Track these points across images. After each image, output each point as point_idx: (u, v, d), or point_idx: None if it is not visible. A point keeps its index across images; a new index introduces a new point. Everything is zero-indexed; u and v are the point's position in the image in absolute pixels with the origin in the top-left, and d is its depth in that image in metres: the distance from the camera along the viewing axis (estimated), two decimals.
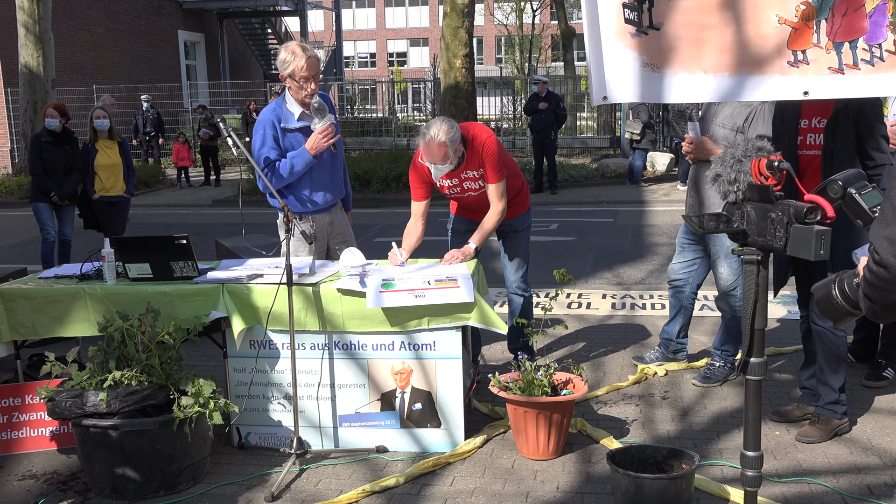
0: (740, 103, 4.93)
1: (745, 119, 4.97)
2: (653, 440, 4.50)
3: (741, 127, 4.97)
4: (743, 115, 4.98)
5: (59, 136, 8.46)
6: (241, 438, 4.55)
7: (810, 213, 2.66)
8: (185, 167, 19.42)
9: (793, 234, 2.70)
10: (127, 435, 3.90)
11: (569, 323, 6.19)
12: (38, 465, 4.46)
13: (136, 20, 26.61)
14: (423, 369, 4.40)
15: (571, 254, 10.26)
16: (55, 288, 4.53)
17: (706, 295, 7.25)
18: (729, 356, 5.38)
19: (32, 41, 16.72)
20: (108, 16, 25.44)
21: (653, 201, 15.00)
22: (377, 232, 12.18)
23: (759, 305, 2.93)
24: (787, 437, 4.51)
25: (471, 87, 18.00)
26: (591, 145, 23.33)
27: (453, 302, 4.28)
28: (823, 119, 4.29)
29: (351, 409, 4.47)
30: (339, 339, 4.42)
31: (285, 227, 4.20)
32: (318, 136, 4.87)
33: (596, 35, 3.93)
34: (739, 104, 4.96)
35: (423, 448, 4.45)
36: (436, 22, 62.50)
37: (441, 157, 4.75)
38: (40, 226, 8.57)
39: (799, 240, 2.68)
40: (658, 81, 3.87)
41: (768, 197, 2.82)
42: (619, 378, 5.50)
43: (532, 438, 4.26)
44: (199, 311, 4.34)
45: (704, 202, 5.13)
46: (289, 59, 4.82)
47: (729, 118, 5.04)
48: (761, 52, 3.83)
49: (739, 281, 5.20)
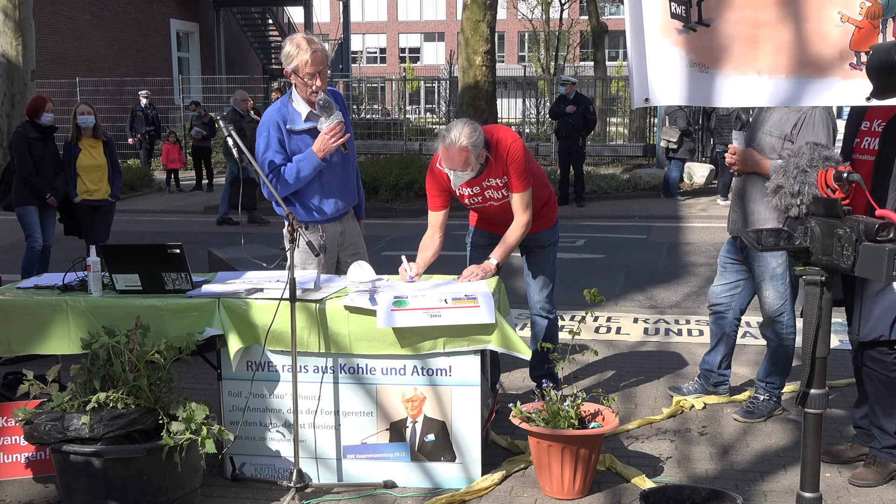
0: (789, 109, 4.94)
1: (793, 126, 4.97)
2: (690, 480, 4.50)
3: (789, 134, 4.97)
4: (791, 122, 4.99)
5: (45, 132, 8.51)
6: (235, 469, 4.57)
7: (883, 230, 2.64)
8: (175, 170, 19.50)
9: (862, 252, 2.68)
10: (111, 463, 3.92)
11: (597, 349, 6.18)
12: (13, 494, 4.49)
13: (125, 7, 26.83)
14: (438, 397, 4.41)
15: (600, 273, 10.26)
16: (34, 300, 4.56)
17: (749, 321, 7.24)
18: (774, 389, 5.37)
19: (11, 28, 16.83)
20: (94, 2, 25.67)
21: (690, 217, 14.98)
22: (385, 245, 12.22)
23: (822, 331, 2.92)
24: (840, 480, 4.49)
25: (491, 87, 18.06)
26: (622, 154, 23.35)
27: (472, 323, 4.30)
28: (884, 122, 4.30)
29: (356, 439, 4.49)
30: (344, 362, 4.44)
31: (289, 237, 4.22)
32: (325, 136, 4.88)
33: (639, 30, 3.93)
34: (788, 110, 4.97)
35: (435, 484, 4.46)
36: (453, 15, 62.73)
37: (462, 164, 4.76)
38: (27, 232, 8.57)
39: (869, 259, 2.65)
40: (706, 83, 3.87)
41: (835, 211, 2.80)
42: (653, 411, 5.50)
43: (556, 475, 4.27)
44: (192, 328, 4.36)
45: (750, 218, 5.14)
46: (293, 53, 4.82)
47: (777, 125, 5.05)
48: (821, 52, 3.83)
49: (787, 306, 5.20)
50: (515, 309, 7.53)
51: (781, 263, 5.14)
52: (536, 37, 44.81)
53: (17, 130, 8.68)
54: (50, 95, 9.04)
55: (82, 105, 8.80)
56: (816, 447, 3.08)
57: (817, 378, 2.99)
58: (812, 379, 3.00)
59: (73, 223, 8.84)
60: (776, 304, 5.21)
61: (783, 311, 5.20)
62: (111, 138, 9.00)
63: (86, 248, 8.23)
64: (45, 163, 8.43)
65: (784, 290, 5.18)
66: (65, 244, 9.90)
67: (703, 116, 19.71)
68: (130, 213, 16.11)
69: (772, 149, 5.00)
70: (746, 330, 7.19)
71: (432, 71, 55.66)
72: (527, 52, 56.66)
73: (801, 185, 2.95)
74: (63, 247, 9.85)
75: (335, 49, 32.63)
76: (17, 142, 8.46)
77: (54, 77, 22.65)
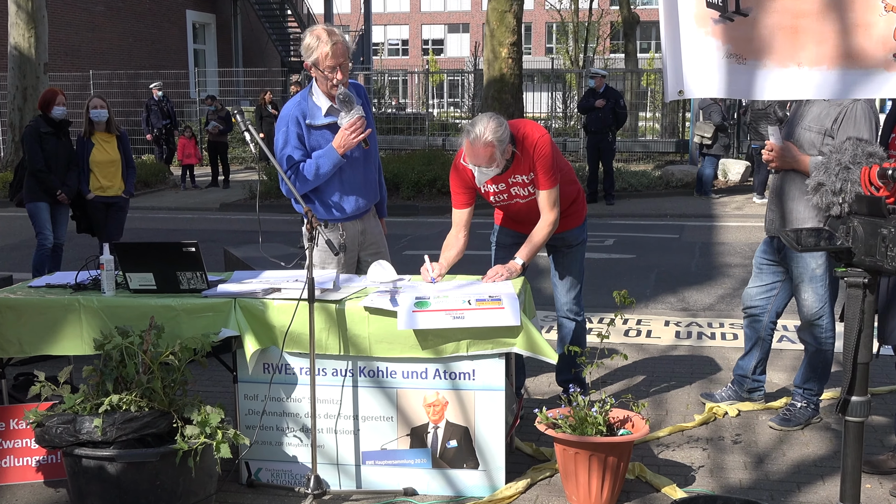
0: (829, 103, 4.91)
1: (833, 120, 4.93)
2: (723, 490, 4.48)
3: (829, 129, 4.93)
4: (832, 117, 4.95)
5: (58, 127, 8.58)
6: (250, 475, 4.59)
7: None
8: (190, 165, 19.59)
9: None
10: (124, 467, 3.94)
11: (626, 352, 6.17)
12: (23, 498, 4.53)
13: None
14: (460, 402, 4.41)
15: (629, 274, 10.24)
16: (46, 299, 4.60)
17: (786, 325, 7.20)
18: (812, 396, 5.33)
19: (24, 19, 16.96)
20: None
21: (724, 215, 14.92)
22: (407, 244, 12.24)
23: (864, 336, 2.90)
24: (881, 491, 4.46)
25: (518, 81, 18.05)
26: (653, 150, 23.30)
27: (496, 325, 4.29)
28: None
29: (376, 444, 4.49)
30: (364, 365, 4.45)
31: (308, 235, 4.23)
32: (345, 131, 4.87)
33: (673, 20, 3.92)
34: (829, 104, 4.93)
35: (457, 492, 4.46)
36: (478, 5, 62.76)
37: (487, 159, 4.76)
38: (37, 229, 8.64)
39: None
40: (744, 75, 3.85)
41: (879, 210, 2.77)
42: (684, 418, 5.48)
43: (583, 484, 4.26)
44: (207, 329, 4.38)
45: (789, 217, 5.11)
46: (313, 45, 4.82)
47: (816, 120, 5.01)
48: (864, 43, 3.80)
49: (826, 309, 5.16)
50: (542, 311, 7.53)
51: (821, 264, 5.10)
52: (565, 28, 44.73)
53: (29, 125, 8.75)
54: (62, 89, 9.10)
55: (95, 98, 8.85)
56: (857, 457, 3.06)
57: (859, 385, 2.97)
58: (853, 385, 2.98)
59: (85, 220, 8.89)
60: (815, 306, 5.18)
61: (822, 314, 5.17)
62: (125, 133, 9.06)
63: (99, 246, 8.29)
64: (58, 158, 8.48)
65: (823, 293, 5.15)
66: (77, 242, 9.97)
67: (738, 111, 19.62)
68: (144, 210, 16.23)
69: (811, 144, 4.97)
70: (783, 334, 7.15)
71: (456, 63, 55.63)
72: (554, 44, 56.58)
73: (844, 183, 2.92)
74: (75, 245, 9.93)
75: (356, 41, 32.72)
76: (29, 136, 8.52)
77: (67, 70, 22.86)
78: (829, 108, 4.97)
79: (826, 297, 5.15)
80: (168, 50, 28.19)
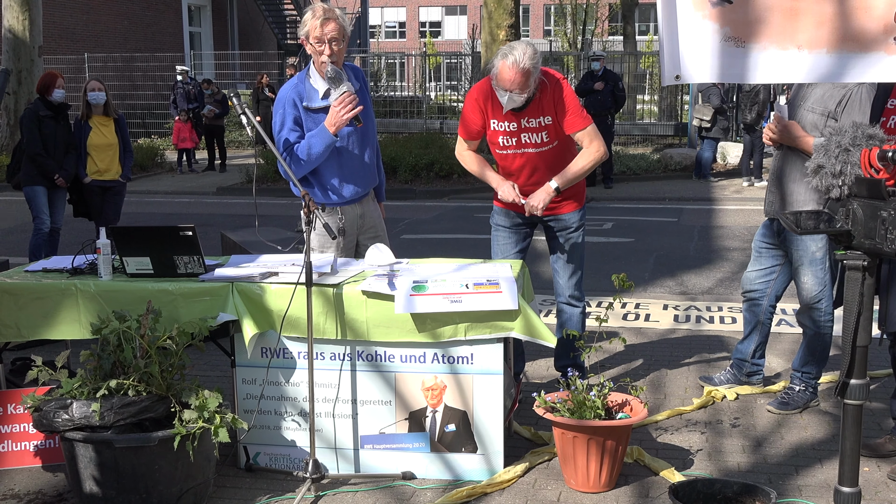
0: (833, 85, 4.90)
1: (837, 102, 4.92)
2: (721, 473, 4.49)
3: (833, 112, 4.92)
4: (836, 99, 4.94)
5: (57, 110, 8.56)
6: (248, 459, 4.60)
7: None
8: (186, 149, 19.57)
9: None
10: (122, 451, 3.95)
11: (625, 336, 6.19)
12: (21, 483, 4.54)
13: None
14: (459, 385, 4.42)
15: (628, 258, 10.24)
16: (43, 283, 4.60)
17: (784, 308, 7.21)
18: (810, 379, 5.35)
19: (18, 2, 16.89)
20: None
21: (723, 199, 14.92)
22: (405, 227, 12.22)
23: (864, 319, 2.91)
24: (878, 475, 4.48)
25: None
26: (652, 133, 23.27)
27: (494, 309, 4.30)
28: None
29: (374, 429, 4.51)
30: (362, 349, 4.46)
31: (306, 219, 4.23)
32: (335, 108, 4.80)
33: (670, 3, 3.90)
34: (832, 86, 4.92)
35: (456, 475, 4.48)
36: None
37: (521, 85, 4.87)
38: (35, 213, 8.63)
39: None
40: (742, 58, 3.83)
41: (879, 193, 2.77)
42: (683, 401, 5.50)
43: (581, 468, 4.27)
44: (205, 313, 4.38)
45: (788, 199, 5.11)
46: (307, 19, 4.83)
47: (820, 101, 5.00)
48: (864, 26, 3.79)
49: (825, 292, 5.17)
50: (540, 294, 7.54)
51: (821, 247, 5.10)
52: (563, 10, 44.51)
53: (28, 108, 8.74)
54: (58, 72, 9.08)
55: (93, 81, 8.84)
56: (856, 440, 3.07)
57: (858, 368, 2.98)
58: (852, 368, 2.98)
59: (82, 204, 8.89)
60: (814, 290, 5.18)
61: (821, 297, 5.17)
62: (122, 116, 9.04)
63: (95, 231, 8.29)
64: (56, 142, 8.47)
65: (823, 276, 5.15)
66: (74, 226, 9.97)
67: (737, 94, 19.59)
68: (141, 195, 16.22)
69: (813, 126, 4.96)
70: (782, 317, 7.16)
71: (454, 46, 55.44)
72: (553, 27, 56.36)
73: (843, 165, 2.92)
74: (72, 228, 9.92)
75: (352, 23, 32.57)
76: (27, 119, 8.51)
77: (62, 53, 22.76)
78: (832, 91, 4.96)
79: (826, 280, 5.16)
80: (164, 32, 28.09)
